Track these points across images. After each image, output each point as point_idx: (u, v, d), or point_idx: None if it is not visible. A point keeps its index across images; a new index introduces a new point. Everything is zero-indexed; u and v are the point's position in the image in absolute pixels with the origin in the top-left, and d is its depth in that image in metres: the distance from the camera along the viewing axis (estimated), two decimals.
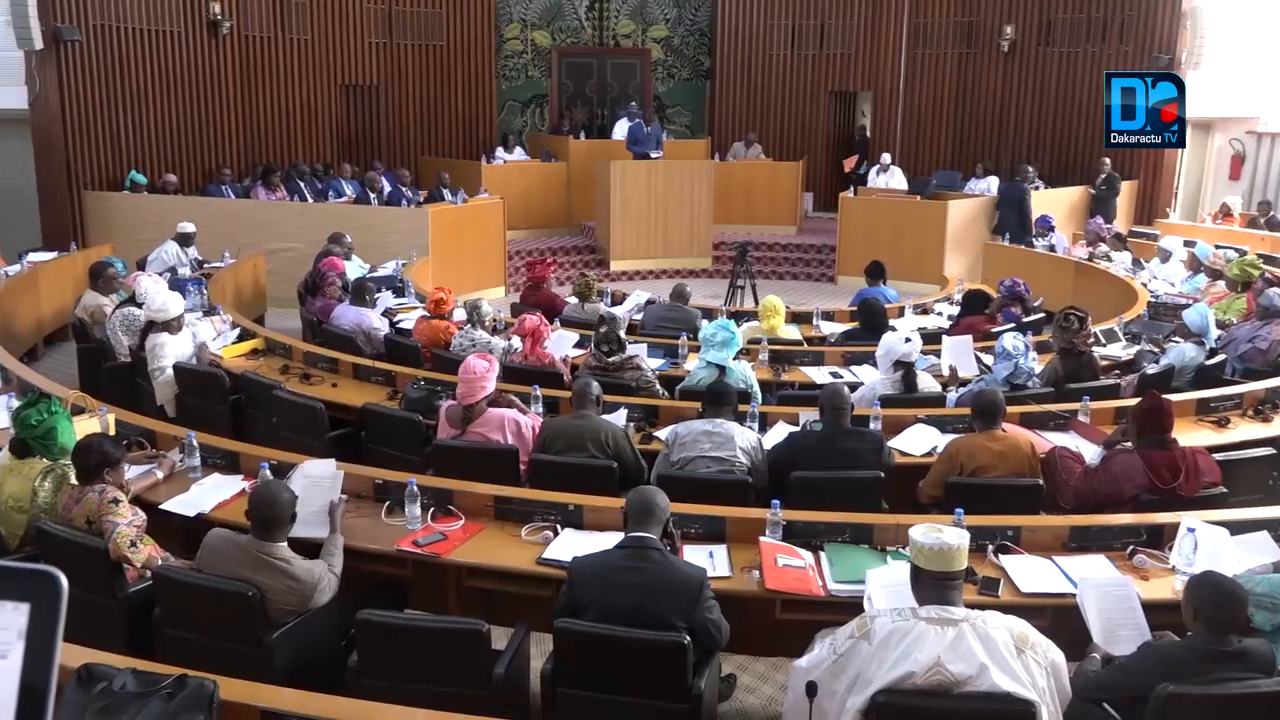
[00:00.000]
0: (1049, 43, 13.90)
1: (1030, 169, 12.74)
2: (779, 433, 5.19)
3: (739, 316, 7.91)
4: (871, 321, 7.17)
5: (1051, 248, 10.92)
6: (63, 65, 11.01)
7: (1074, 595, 3.45)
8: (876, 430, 5.04)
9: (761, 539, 3.87)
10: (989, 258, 11.37)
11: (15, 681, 0.51)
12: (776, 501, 3.97)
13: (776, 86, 15.32)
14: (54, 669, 0.51)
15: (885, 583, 3.38)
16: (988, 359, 6.29)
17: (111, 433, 4.74)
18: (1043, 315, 7.95)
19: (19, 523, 4.05)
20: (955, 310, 8.53)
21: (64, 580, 0.52)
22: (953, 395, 5.78)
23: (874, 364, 6.18)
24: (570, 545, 3.88)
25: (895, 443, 5.05)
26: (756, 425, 5.23)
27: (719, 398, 4.77)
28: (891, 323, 7.52)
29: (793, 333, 7.45)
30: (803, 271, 13.28)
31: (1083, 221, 12.18)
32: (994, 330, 7.19)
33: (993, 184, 13.30)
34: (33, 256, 9.53)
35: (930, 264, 11.81)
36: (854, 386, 5.83)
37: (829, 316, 8.35)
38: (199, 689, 2.51)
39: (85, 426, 4.53)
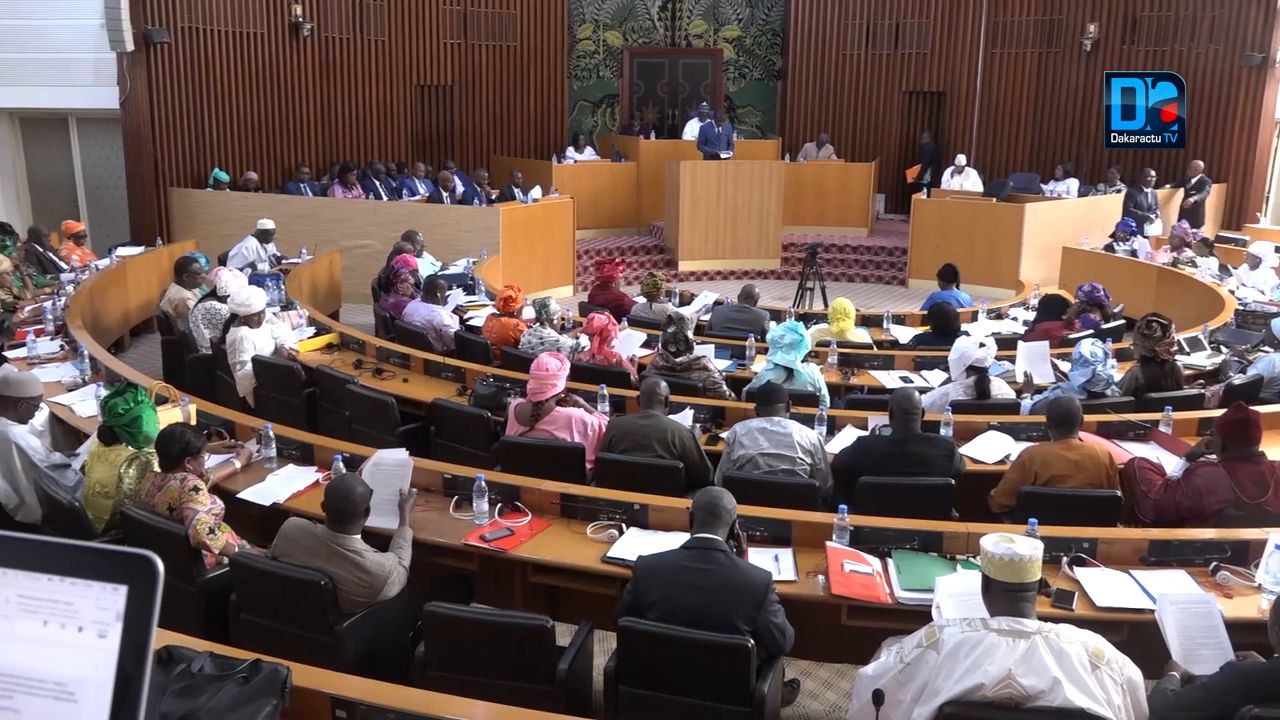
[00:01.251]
0: (1134, 41, 13.50)
1: (1114, 170, 12.39)
2: (847, 437, 5.13)
3: (808, 319, 7.86)
4: (944, 326, 7.05)
5: (1133, 253, 10.60)
6: (152, 66, 11.40)
7: (1152, 611, 3.33)
8: (948, 436, 4.95)
9: (828, 544, 3.83)
10: (1067, 262, 11.08)
11: (114, 660, 0.52)
12: (844, 506, 3.93)
13: (849, 86, 15.16)
14: (149, 649, 0.53)
15: (955, 592, 3.32)
16: (1064, 366, 6.13)
17: (193, 422, 4.88)
18: (1123, 322, 7.72)
19: (105, 507, 4.20)
20: (1031, 315, 8.34)
21: (160, 564, 0.54)
22: (1027, 402, 5.65)
23: (946, 369, 6.07)
24: (635, 544, 3.89)
25: (967, 449, 4.96)
26: (824, 429, 5.18)
27: (769, 396, 4.78)
28: (964, 327, 7.39)
29: (862, 336, 7.36)
30: (873, 274, 13.11)
31: (1170, 225, 11.80)
32: (1071, 336, 7.00)
33: (1073, 186, 12.96)
34: (121, 251, 9.89)
35: (1006, 268, 11.56)
36: (925, 391, 5.73)
37: (900, 320, 8.23)
38: (273, 674, 2.57)
39: (168, 416, 4.68)
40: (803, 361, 5.75)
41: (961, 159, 13.39)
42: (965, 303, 8.53)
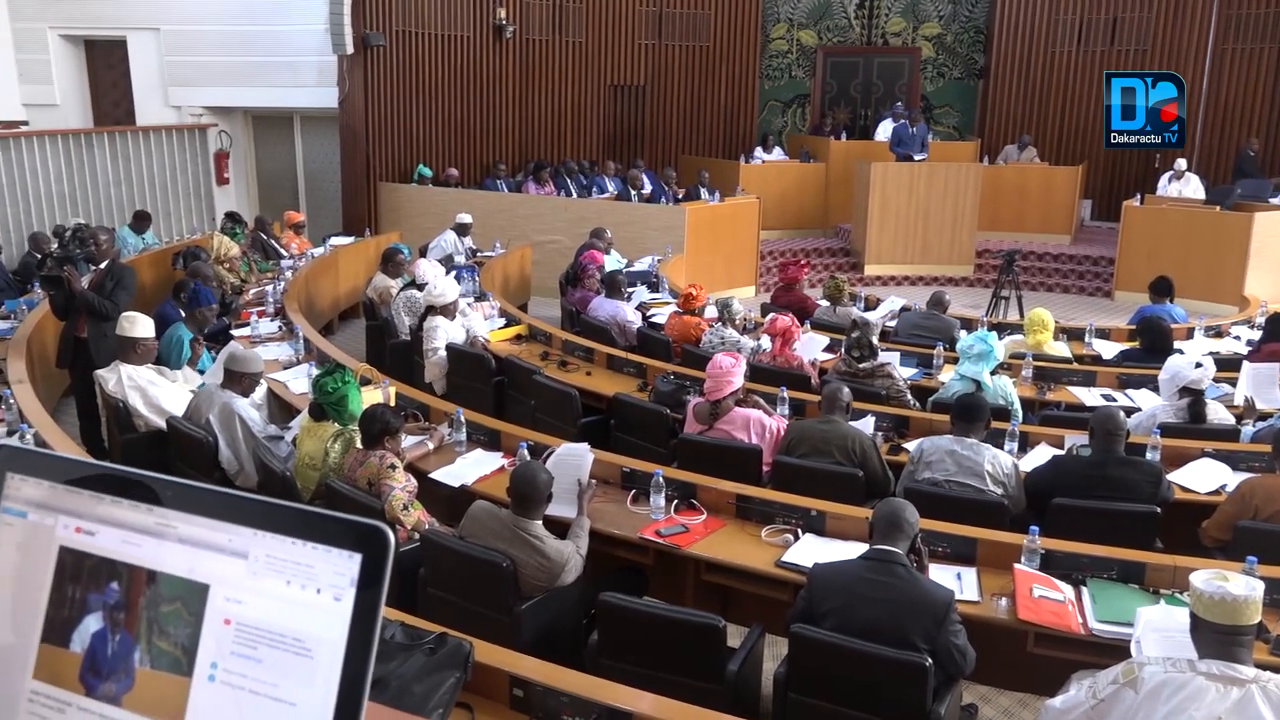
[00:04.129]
0: None
1: None
2: (1040, 454, 4.87)
3: (1001, 329, 7.51)
4: (1155, 342, 6.58)
5: None
6: (368, 68, 12.18)
7: None
8: (1154, 461, 4.61)
9: (1016, 566, 3.65)
10: None
11: (347, 622, 0.56)
12: (1035, 528, 3.73)
13: (1057, 86, 14.36)
14: (379, 615, 0.56)
15: (1158, 628, 3.08)
16: None
17: (392, 404, 5.18)
18: None
19: (312, 478, 4.52)
20: (1256, 335, 7.64)
21: (392, 537, 0.57)
22: (1249, 429, 5.18)
23: (1155, 389, 5.66)
24: (810, 551, 3.84)
25: (1176, 476, 4.60)
26: (1016, 445, 4.94)
27: (969, 413, 4.49)
28: (1178, 345, 6.86)
29: (1061, 349, 6.96)
30: (1075, 284, 12.37)
31: None
32: None
33: None
34: (334, 240, 10.62)
35: (1228, 282, 10.63)
36: (1130, 411, 5.36)
37: (1104, 334, 7.72)
38: (457, 648, 2.69)
39: (371, 396, 4.98)
40: (993, 374, 5.50)
41: (1181, 163, 12.40)
42: (1180, 318, 7.92)
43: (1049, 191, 13.26)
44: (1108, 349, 7.34)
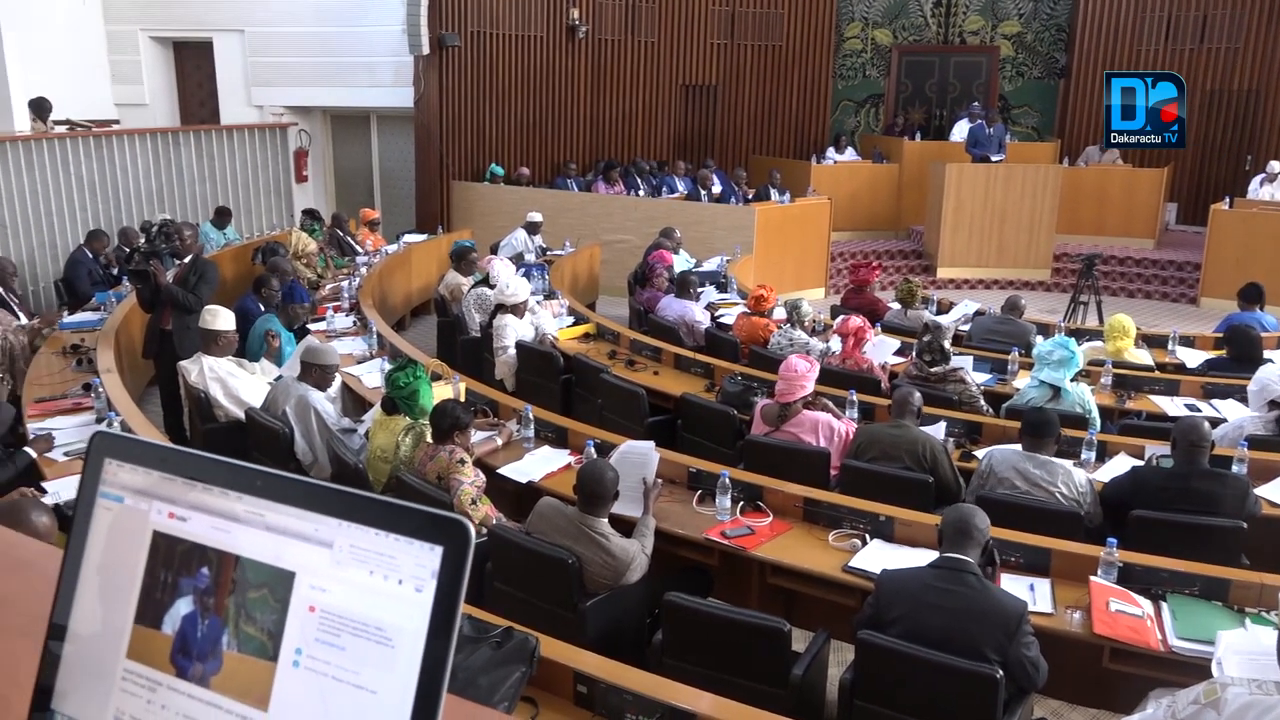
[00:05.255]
0: None
1: None
2: (1119, 465, 4.74)
3: (1079, 335, 7.32)
4: (1243, 351, 6.34)
5: None
6: (442, 68, 12.36)
7: None
8: (1241, 474, 4.44)
9: (1092, 578, 3.55)
10: None
11: (427, 613, 0.57)
12: (1113, 540, 3.63)
13: None
14: (459, 607, 0.57)
15: (1242, 648, 2.98)
16: None
17: (462, 399, 5.25)
18: None
19: (383, 471, 4.60)
20: None
21: (473, 531, 0.58)
22: None
23: (1242, 399, 5.46)
24: (878, 557, 3.79)
25: (1264, 491, 4.44)
26: (1093, 454, 4.81)
27: (1039, 428, 4.32)
28: (1268, 354, 6.60)
29: (1143, 357, 6.75)
30: (1158, 290, 11.99)
31: None
32: None
33: None
34: (408, 237, 10.81)
35: None
36: (1215, 422, 5.18)
37: (1188, 342, 7.47)
38: (524, 642, 2.72)
39: (441, 392, 5.05)
40: (1072, 380, 5.36)
41: (1275, 165, 11.93)
42: (1270, 327, 7.62)
43: (1132, 194, 12.88)
44: (1192, 357, 7.10)
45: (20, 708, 0.73)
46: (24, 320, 6.89)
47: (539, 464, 4.76)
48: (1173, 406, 5.87)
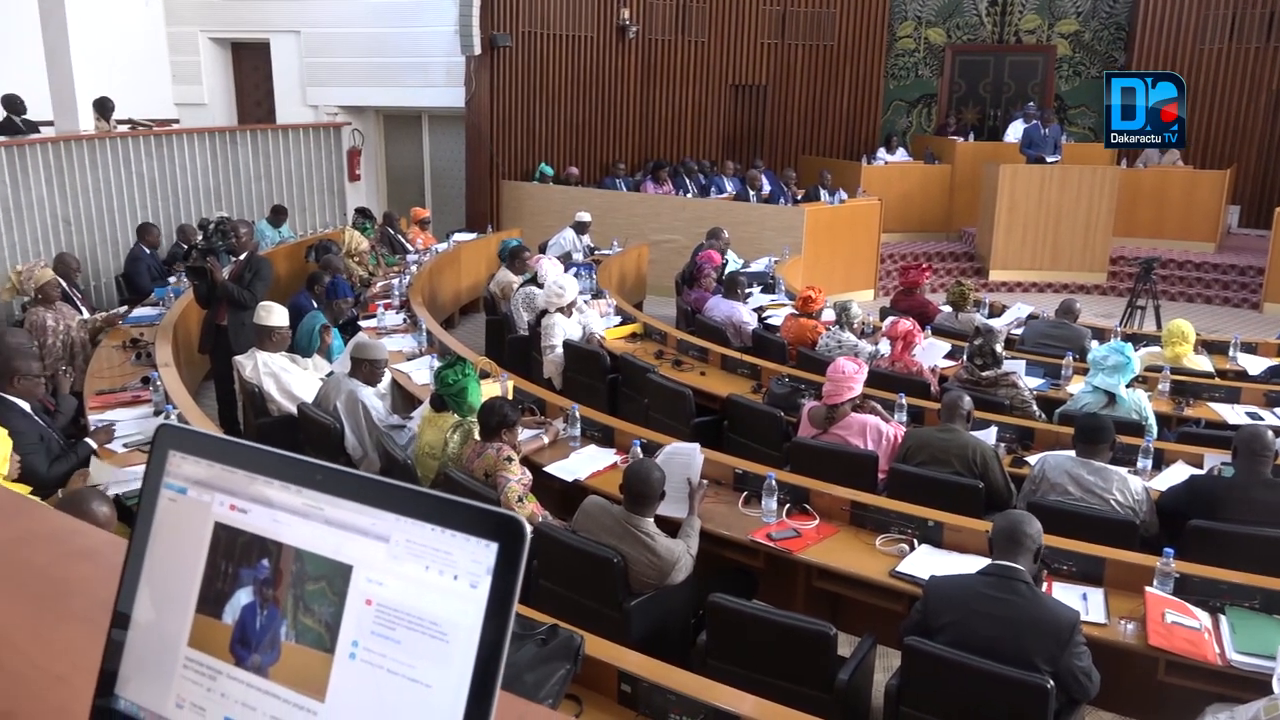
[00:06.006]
0: None
1: None
2: (1176, 473, 4.63)
3: (1136, 340, 7.17)
4: None
5: None
6: (494, 68, 12.46)
7: None
8: None
9: (1148, 589, 3.47)
10: None
11: (482, 609, 0.57)
12: (1169, 550, 3.54)
13: (1204, 85, 13.57)
14: (513, 603, 0.57)
15: None
16: None
17: (510, 397, 5.28)
18: None
19: (431, 467, 4.65)
20: None
21: (529, 529, 0.58)
22: None
23: None
24: (926, 562, 3.74)
25: None
26: (1149, 462, 4.71)
27: (1093, 434, 4.25)
28: None
29: (1203, 363, 6.59)
30: (1219, 295, 11.70)
31: None
32: None
33: None
34: (457, 236, 10.91)
35: None
36: (1278, 431, 5.03)
37: (1250, 348, 7.28)
38: (568, 640, 2.73)
39: (489, 390, 5.09)
40: (1128, 387, 5.25)
41: None
42: None
43: (1192, 196, 12.58)
44: (1254, 364, 6.91)
45: (80, 688, 0.75)
46: (86, 315, 7.07)
47: (585, 463, 4.77)
48: (1233, 414, 5.72)
